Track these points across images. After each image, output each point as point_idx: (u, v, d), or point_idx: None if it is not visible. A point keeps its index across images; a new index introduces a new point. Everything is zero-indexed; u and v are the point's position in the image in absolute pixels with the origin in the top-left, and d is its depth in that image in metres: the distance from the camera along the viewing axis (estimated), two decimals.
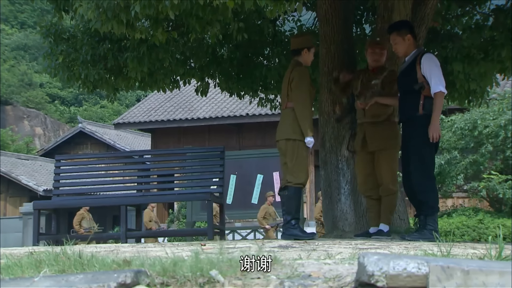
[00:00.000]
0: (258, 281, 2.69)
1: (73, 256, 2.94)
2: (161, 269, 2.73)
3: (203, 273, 2.71)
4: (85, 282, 2.48)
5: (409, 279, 2.29)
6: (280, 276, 2.75)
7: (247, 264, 2.84)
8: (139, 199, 9.34)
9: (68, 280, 2.52)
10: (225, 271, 2.76)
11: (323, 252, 4.18)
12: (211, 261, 2.82)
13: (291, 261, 3.03)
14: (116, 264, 2.87)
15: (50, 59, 10.34)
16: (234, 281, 2.70)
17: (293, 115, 7.47)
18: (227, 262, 2.84)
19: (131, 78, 10.42)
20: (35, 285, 2.48)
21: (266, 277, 2.74)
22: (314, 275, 2.72)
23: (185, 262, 2.80)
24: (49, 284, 2.47)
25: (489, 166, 24.30)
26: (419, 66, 6.98)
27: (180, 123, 31.31)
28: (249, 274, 2.79)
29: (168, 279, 2.69)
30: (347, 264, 3.04)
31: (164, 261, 2.78)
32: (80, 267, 2.82)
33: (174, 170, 9.23)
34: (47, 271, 2.76)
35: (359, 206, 8.52)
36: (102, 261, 2.89)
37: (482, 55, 10.03)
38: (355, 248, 4.59)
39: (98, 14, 7.33)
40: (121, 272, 2.55)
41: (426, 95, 6.90)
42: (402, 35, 7.19)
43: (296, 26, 11.65)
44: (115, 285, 2.47)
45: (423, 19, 8.68)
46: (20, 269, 2.88)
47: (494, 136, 23.48)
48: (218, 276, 2.70)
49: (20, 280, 2.58)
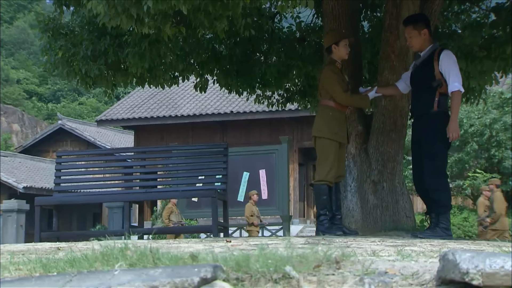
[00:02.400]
0: (334, 278, 2.64)
1: (140, 250, 2.88)
2: (235, 264, 2.68)
3: (276, 268, 2.66)
4: (166, 276, 2.42)
5: (507, 277, 2.25)
6: (352, 272, 2.70)
7: (318, 260, 2.79)
8: (142, 196, 9.26)
9: (148, 274, 2.46)
10: (296, 267, 2.71)
11: (360, 249, 4.13)
12: (282, 257, 2.77)
13: (360, 258, 2.99)
14: (184, 259, 2.82)
15: (49, 54, 10.23)
16: (308, 277, 2.65)
17: (322, 112, 7.50)
18: (296, 258, 2.79)
19: (130, 74, 10.34)
20: (116, 278, 2.42)
21: (340, 273, 2.70)
22: (390, 272, 2.68)
23: (257, 257, 2.74)
24: (130, 278, 2.41)
25: (474, 164, 24.49)
26: (437, 62, 6.85)
27: (164, 120, 31.24)
28: (321, 270, 2.74)
29: (242, 275, 2.64)
30: (413, 262, 3.01)
31: (236, 256, 2.73)
32: (150, 261, 2.75)
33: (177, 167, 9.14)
34: (123, 264, 2.70)
35: (366, 204, 8.51)
36: (168, 255, 2.83)
37: (485, 52, 10.05)
38: (390, 246, 4.55)
39: (108, 8, 7.24)
40: (201, 267, 2.49)
41: (442, 92, 6.82)
42: (419, 29, 7.06)
43: (294, 22, 11.60)
44: (198, 279, 2.42)
45: (430, 16, 8.65)
46: (87, 262, 2.82)
47: (479, 134, 23.69)
48: (292, 272, 2.65)
49: (99, 273, 2.52)
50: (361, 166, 8.61)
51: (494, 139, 23.59)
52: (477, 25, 10.25)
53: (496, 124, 23.39)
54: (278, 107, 12.54)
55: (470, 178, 23.78)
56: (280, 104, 12.35)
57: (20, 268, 2.98)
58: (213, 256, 2.78)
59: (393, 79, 8.34)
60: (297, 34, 11.60)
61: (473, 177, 23.58)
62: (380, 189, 8.50)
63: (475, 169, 23.99)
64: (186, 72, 10.95)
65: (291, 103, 12.53)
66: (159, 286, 2.39)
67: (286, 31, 11.67)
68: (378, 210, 8.48)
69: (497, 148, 23.65)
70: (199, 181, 9.21)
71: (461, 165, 24.01)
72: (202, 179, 9.27)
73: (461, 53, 10.32)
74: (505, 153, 23.55)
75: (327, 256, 2.82)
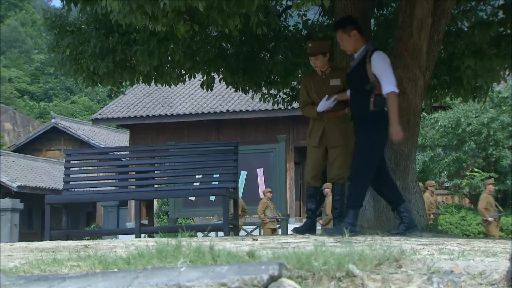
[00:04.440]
0: (398, 276, 2.60)
1: (195, 247, 2.84)
2: (296, 262, 2.64)
3: (339, 266, 2.62)
4: (234, 273, 2.39)
5: None
6: (417, 271, 2.67)
7: (377, 258, 2.76)
8: (152, 194, 9.21)
9: (215, 271, 2.42)
10: (358, 265, 2.68)
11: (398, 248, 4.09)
12: (341, 254, 2.74)
13: (419, 256, 2.95)
14: (241, 256, 2.78)
15: (57, 52, 10.17)
16: (372, 275, 2.62)
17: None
18: (356, 256, 2.75)
19: (137, 71, 10.31)
20: (183, 275, 2.38)
21: (403, 272, 2.66)
22: (455, 271, 2.64)
23: (317, 255, 2.71)
24: (198, 275, 2.37)
25: (471, 163, 24.53)
26: (369, 64, 6.81)
27: (159, 119, 31.16)
28: (382, 268, 2.71)
29: (304, 273, 2.60)
30: (472, 261, 2.98)
31: (297, 254, 2.69)
32: (210, 258, 2.71)
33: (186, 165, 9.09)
34: (187, 261, 2.66)
35: (379, 202, 8.47)
36: (225, 252, 2.79)
37: (495, 50, 10.04)
38: (423, 244, 4.52)
39: (122, 5, 7.19)
40: (267, 264, 2.46)
41: (377, 93, 6.77)
42: (348, 32, 6.97)
43: (301, 21, 11.57)
44: (267, 277, 2.38)
45: (443, 13, 8.66)
46: (144, 260, 2.78)
47: (477, 133, 23.70)
48: (355, 270, 2.61)
49: (165, 269, 2.48)
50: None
51: (492, 138, 23.62)
52: (485, 23, 10.23)
53: (493, 123, 23.40)
54: (284, 105, 12.50)
55: (467, 177, 23.79)
56: (286, 102, 12.31)
57: (77, 264, 2.94)
58: (273, 254, 2.74)
59: (406, 77, 8.32)
60: (303, 32, 11.57)
61: (471, 176, 23.60)
62: None
63: (472, 168, 24.01)
64: (193, 70, 10.90)
65: (297, 102, 12.49)
66: (228, 283, 2.35)
67: (292, 29, 11.64)
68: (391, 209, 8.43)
69: (495, 147, 23.67)
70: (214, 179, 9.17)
71: (458, 164, 24.03)
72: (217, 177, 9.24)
73: (468, 51, 10.31)
74: (502, 152, 23.57)
75: (387, 254, 2.79)
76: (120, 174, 9.67)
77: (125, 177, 9.45)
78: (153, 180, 9.27)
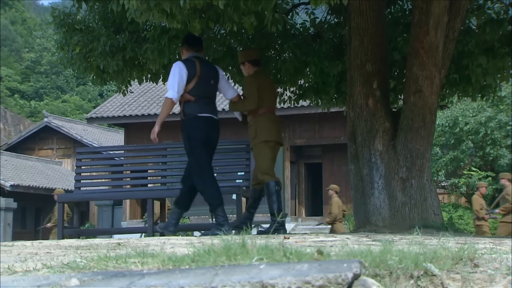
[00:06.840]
0: (479, 276, 2.55)
1: (261, 245, 2.79)
2: (371, 260, 2.59)
3: (417, 265, 2.57)
4: (317, 271, 2.33)
5: None
6: (496, 271, 2.62)
7: (451, 257, 2.71)
8: (165, 193, 9.16)
9: (296, 269, 2.37)
10: (434, 264, 2.63)
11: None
12: (417, 253, 2.69)
13: (493, 256, 2.91)
14: (310, 254, 2.72)
15: (66, 50, 10.09)
16: (452, 275, 2.57)
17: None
18: (430, 254, 2.71)
19: (146, 69, 10.26)
20: (264, 272, 2.33)
21: (483, 271, 2.61)
22: None
23: (392, 253, 2.66)
24: (280, 273, 2.32)
25: (469, 162, 24.54)
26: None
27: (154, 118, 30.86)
28: (458, 267, 2.66)
29: (382, 271, 2.55)
30: None
31: (373, 252, 2.64)
32: (281, 256, 2.66)
33: None
34: (263, 258, 2.60)
35: (394, 201, 8.44)
36: (292, 250, 2.74)
37: (507, 49, 10.01)
38: None
39: (140, 3, 7.13)
40: (350, 262, 2.41)
41: (183, 100, 7.79)
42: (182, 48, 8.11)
43: (309, 19, 11.51)
44: (351, 275, 2.33)
45: (459, 10, 8.64)
46: (212, 257, 2.72)
47: (474, 133, 23.71)
48: (433, 268, 2.57)
49: (243, 267, 2.43)
50: (389, 163, 8.54)
51: (489, 137, 23.63)
52: (496, 21, 10.20)
53: (491, 122, 23.42)
54: (290, 104, 12.44)
55: (465, 176, 23.80)
56: (293, 101, 12.25)
57: (145, 261, 2.88)
58: (348, 251, 2.69)
59: (422, 75, 8.30)
60: (311, 30, 11.51)
61: (468, 175, 23.60)
62: (408, 186, 8.43)
63: (470, 167, 24.02)
64: None
65: (304, 100, 12.44)
66: (312, 281, 2.30)
67: (300, 27, 11.57)
68: (406, 208, 8.42)
69: (492, 146, 23.68)
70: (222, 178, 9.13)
71: (456, 163, 24.03)
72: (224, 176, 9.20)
73: (479, 49, 10.27)
74: (500, 151, 23.58)
75: (461, 253, 2.74)
76: (133, 172, 9.61)
77: (139, 175, 9.41)
78: (165, 178, 9.24)
